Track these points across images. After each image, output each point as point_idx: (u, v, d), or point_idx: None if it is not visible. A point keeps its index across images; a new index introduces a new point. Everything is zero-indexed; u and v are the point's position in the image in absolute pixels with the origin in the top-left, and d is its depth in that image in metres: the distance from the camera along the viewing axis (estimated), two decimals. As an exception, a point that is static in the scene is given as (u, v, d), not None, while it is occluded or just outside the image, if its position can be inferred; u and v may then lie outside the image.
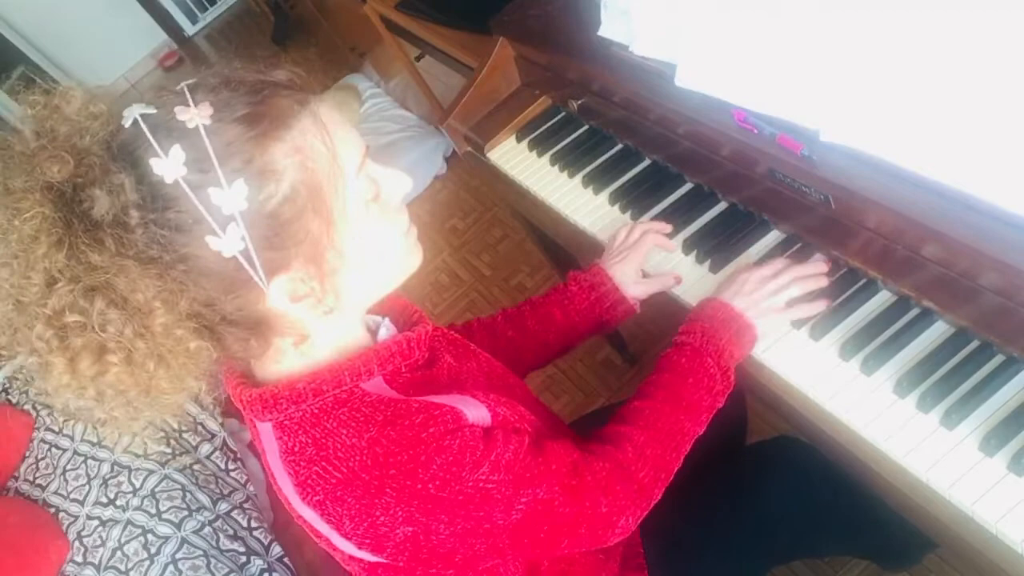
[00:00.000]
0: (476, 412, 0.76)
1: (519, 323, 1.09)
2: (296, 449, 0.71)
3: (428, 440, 0.69)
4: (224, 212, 0.62)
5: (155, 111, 0.64)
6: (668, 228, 1.09)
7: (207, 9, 5.08)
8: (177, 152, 0.61)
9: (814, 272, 0.93)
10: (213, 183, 0.62)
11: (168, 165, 0.61)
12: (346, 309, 0.75)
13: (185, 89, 0.65)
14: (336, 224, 0.69)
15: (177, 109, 0.63)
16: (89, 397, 0.66)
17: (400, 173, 0.76)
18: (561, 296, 1.08)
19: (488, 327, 1.09)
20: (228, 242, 0.63)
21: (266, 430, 0.74)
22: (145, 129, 0.62)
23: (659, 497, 0.85)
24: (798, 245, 0.99)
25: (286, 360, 0.74)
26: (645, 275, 1.07)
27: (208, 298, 0.65)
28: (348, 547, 0.73)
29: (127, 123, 0.64)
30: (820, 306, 0.91)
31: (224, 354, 0.70)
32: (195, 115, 0.62)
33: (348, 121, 0.72)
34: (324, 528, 0.73)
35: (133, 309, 0.62)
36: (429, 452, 0.69)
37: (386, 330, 0.83)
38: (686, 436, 0.87)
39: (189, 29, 5.09)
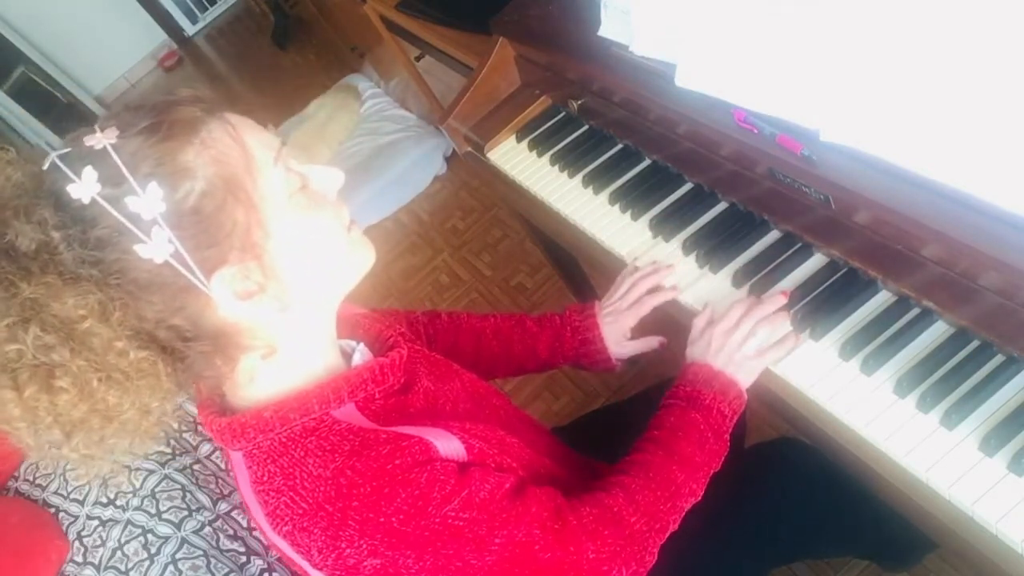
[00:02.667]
0: (448, 445, 0.74)
1: (506, 343, 1.10)
2: (265, 479, 0.71)
3: (394, 472, 0.69)
4: (145, 218, 0.63)
5: (69, 149, 0.66)
6: (672, 291, 1.06)
7: (207, 9, 5.08)
8: (89, 172, 0.63)
9: (773, 309, 0.93)
10: (128, 192, 0.63)
11: (82, 187, 0.63)
12: (306, 310, 0.74)
13: (96, 125, 0.67)
14: (262, 211, 0.69)
15: (84, 138, 0.65)
16: (54, 435, 0.65)
17: (328, 168, 0.76)
18: (553, 335, 1.10)
19: (476, 332, 1.10)
20: (156, 247, 0.63)
21: (237, 459, 0.74)
22: (58, 162, 0.64)
23: (655, 551, 0.83)
24: (798, 245, 0.99)
25: (256, 386, 0.74)
26: (634, 334, 1.09)
27: (156, 313, 0.65)
28: None
29: (45, 166, 0.66)
30: (791, 343, 0.90)
31: (192, 377, 0.70)
32: (100, 138, 0.64)
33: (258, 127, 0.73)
34: (297, 558, 0.72)
35: (68, 329, 0.62)
36: (394, 484, 0.68)
37: (360, 355, 0.82)
38: (680, 489, 0.85)
39: (189, 29, 5.09)
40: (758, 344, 0.91)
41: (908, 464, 0.77)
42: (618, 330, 1.07)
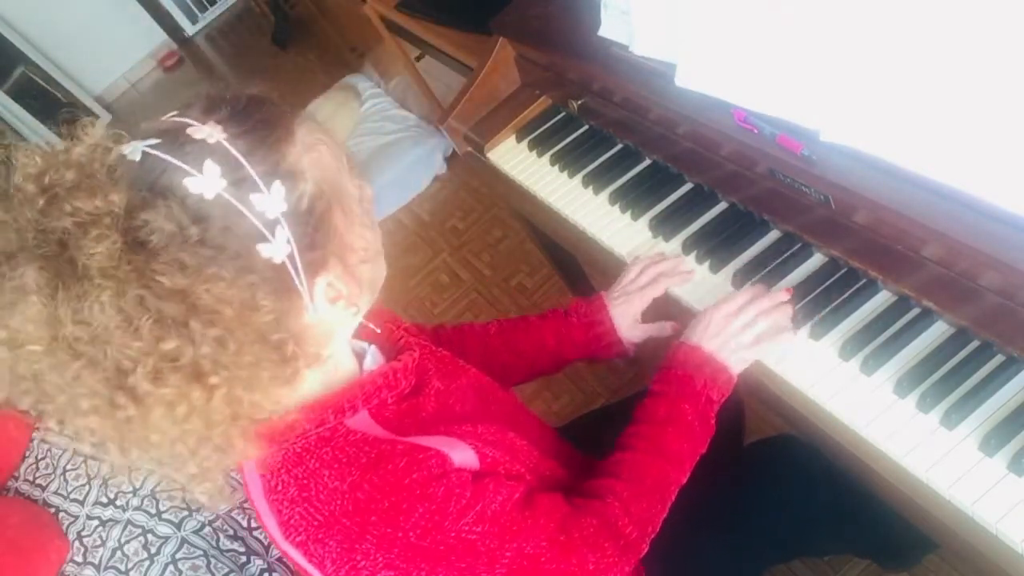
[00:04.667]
0: (462, 455, 0.74)
1: (512, 339, 1.09)
2: (279, 488, 0.70)
3: (411, 486, 0.68)
4: (268, 216, 0.62)
5: (159, 140, 0.62)
6: (687, 271, 1.06)
7: (207, 9, 5.07)
8: (211, 166, 0.61)
9: (776, 302, 0.92)
10: (253, 189, 0.62)
11: (206, 181, 0.60)
12: (359, 316, 0.75)
13: (177, 116, 0.64)
14: (351, 217, 0.70)
15: (190, 130, 0.62)
16: (182, 450, 0.63)
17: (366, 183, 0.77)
18: (559, 324, 1.08)
19: (481, 336, 1.10)
20: (278, 246, 0.62)
21: (249, 467, 0.74)
22: (166, 155, 0.61)
23: (647, 547, 0.84)
24: (798, 245, 0.99)
25: None
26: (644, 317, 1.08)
27: (272, 315, 0.63)
28: None
29: (135, 156, 0.62)
30: (788, 339, 0.91)
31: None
32: (209, 132, 0.62)
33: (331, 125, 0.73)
34: (309, 568, 0.72)
35: (230, 323, 0.60)
36: (412, 499, 0.68)
37: (372, 358, 0.82)
38: (671, 486, 0.86)
39: (189, 29, 5.09)
40: (756, 334, 0.90)
41: (908, 464, 0.77)
42: (629, 312, 1.06)
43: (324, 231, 0.66)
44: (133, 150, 0.62)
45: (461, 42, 1.78)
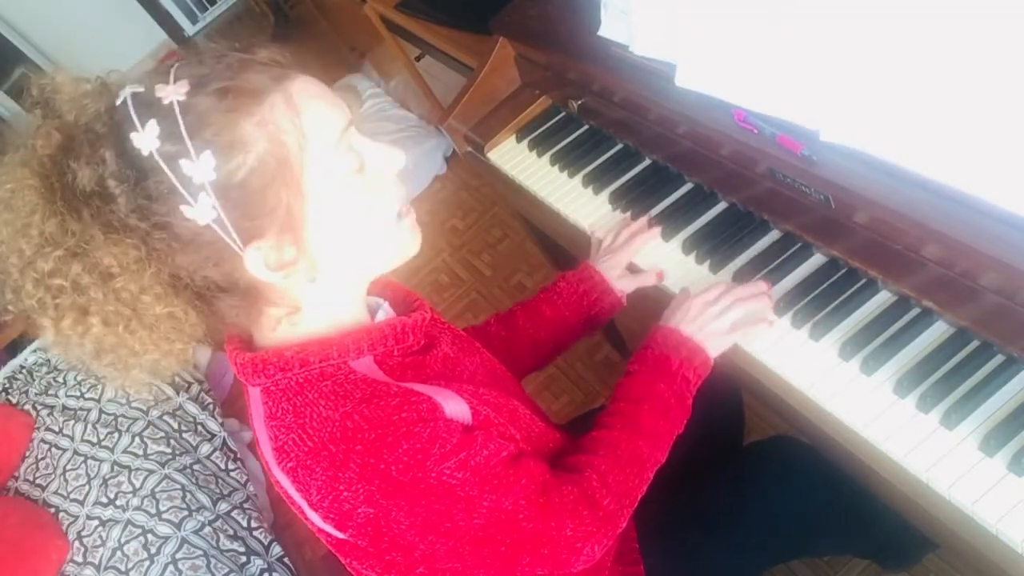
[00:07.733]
0: (456, 407, 0.77)
1: (510, 322, 1.12)
2: (278, 415, 0.74)
3: (399, 423, 0.71)
4: (195, 182, 0.66)
5: (143, 89, 0.68)
6: (654, 230, 1.11)
7: (207, 9, 5.07)
8: (152, 126, 0.65)
9: (753, 292, 0.95)
10: (184, 155, 0.65)
11: (144, 138, 0.65)
12: (337, 282, 0.77)
13: (171, 68, 0.69)
14: (308, 194, 0.70)
15: (157, 86, 0.67)
16: (87, 352, 0.71)
17: (390, 148, 0.77)
18: (550, 293, 1.12)
19: (481, 331, 1.11)
20: (200, 210, 0.66)
21: (255, 395, 0.77)
22: (130, 106, 0.67)
23: (625, 521, 0.86)
24: (798, 245, 0.99)
25: (281, 328, 0.76)
26: (632, 270, 1.11)
27: (193, 264, 0.69)
28: (316, 519, 0.75)
29: (118, 101, 0.69)
30: (764, 326, 0.93)
31: (219, 320, 0.75)
32: (171, 92, 0.66)
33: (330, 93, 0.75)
34: (296, 496, 0.74)
35: (103, 275, 0.68)
36: (397, 435, 0.70)
37: (384, 313, 0.85)
38: (646, 462, 0.88)
39: (189, 29, 5.08)
40: (732, 321, 0.93)
41: (908, 464, 0.77)
42: (616, 265, 1.10)
43: (260, 204, 0.68)
44: (123, 93, 0.69)
45: (461, 42, 1.79)
